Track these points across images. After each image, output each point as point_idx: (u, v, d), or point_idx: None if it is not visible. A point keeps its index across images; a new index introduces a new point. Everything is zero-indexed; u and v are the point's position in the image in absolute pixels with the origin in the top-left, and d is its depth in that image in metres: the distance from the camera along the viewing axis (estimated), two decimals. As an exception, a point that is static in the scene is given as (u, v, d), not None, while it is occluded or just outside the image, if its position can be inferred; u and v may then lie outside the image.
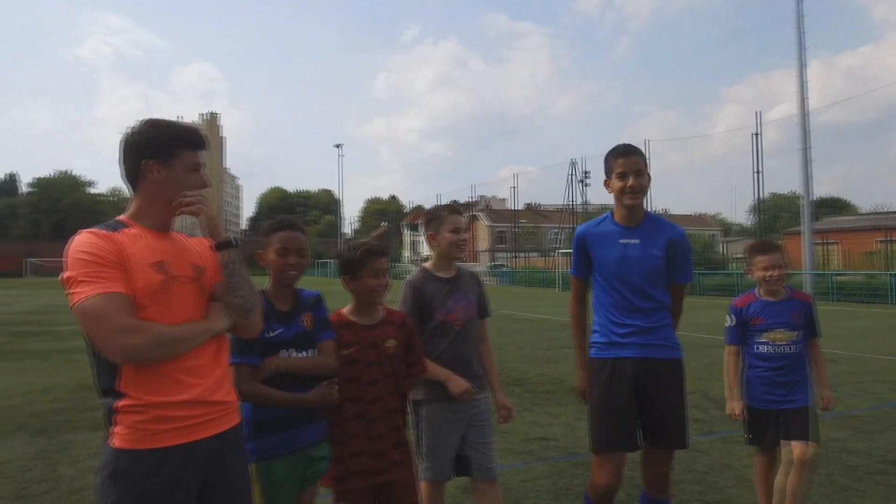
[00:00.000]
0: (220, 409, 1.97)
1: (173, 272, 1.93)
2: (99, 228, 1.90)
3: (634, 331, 3.05)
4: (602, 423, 3.08)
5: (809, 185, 27.62)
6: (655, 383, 3.03)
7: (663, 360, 3.06)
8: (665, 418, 3.03)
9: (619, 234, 3.11)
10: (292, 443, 2.50)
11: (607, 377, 3.06)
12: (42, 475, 4.65)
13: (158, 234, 1.99)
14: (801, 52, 27.31)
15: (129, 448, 1.80)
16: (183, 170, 1.99)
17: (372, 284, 2.71)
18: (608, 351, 3.10)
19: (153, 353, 1.81)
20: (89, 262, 1.78)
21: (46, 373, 9.04)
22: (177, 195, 1.97)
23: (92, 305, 1.74)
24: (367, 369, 2.68)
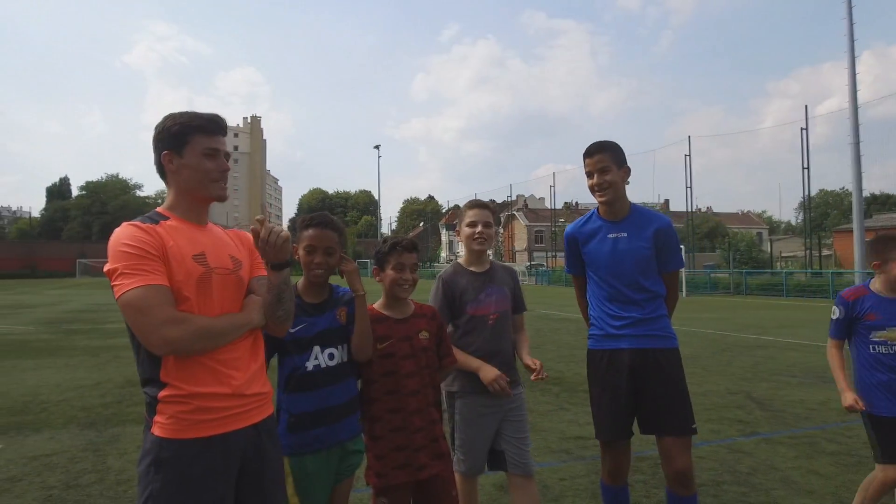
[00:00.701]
0: (256, 400, 2.01)
1: (213, 264, 1.96)
2: (140, 221, 1.94)
3: (630, 322, 3.11)
4: (601, 414, 3.18)
5: (860, 181, 26.66)
6: (653, 373, 3.08)
7: (659, 349, 3.11)
8: (668, 406, 3.07)
9: (607, 229, 3.20)
10: (327, 438, 2.51)
11: (605, 368, 3.15)
12: (91, 466, 4.80)
13: (196, 226, 2.03)
14: (851, 42, 26.43)
15: (171, 437, 1.84)
16: (196, 156, 2.00)
17: (393, 277, 2.73)
18: (605, 343, 3.18)
19: (195, 345, 1.84)
20: (132, 255, 1.82)
21: (96, 368, 9.33)
22: (195, 180, 2.00)
23: (135, 297, 1.77)
24: (402, 362, 2.69)
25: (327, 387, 2.54)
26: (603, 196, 3.14)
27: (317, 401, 2.50)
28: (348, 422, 2.59)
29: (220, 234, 2.12)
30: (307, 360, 2.52)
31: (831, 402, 6.76)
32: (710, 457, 4.87)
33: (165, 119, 2.03)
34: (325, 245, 2.58)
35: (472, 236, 3.23)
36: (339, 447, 2.55)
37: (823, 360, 9.81)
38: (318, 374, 2.52)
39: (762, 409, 6.50)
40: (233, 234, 2.18)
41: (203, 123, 2.02)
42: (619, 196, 3.16)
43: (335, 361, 2.58)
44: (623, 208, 3.20)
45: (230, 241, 2.12)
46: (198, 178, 2.01)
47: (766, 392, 7.32)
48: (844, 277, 28.31)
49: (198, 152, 2.00)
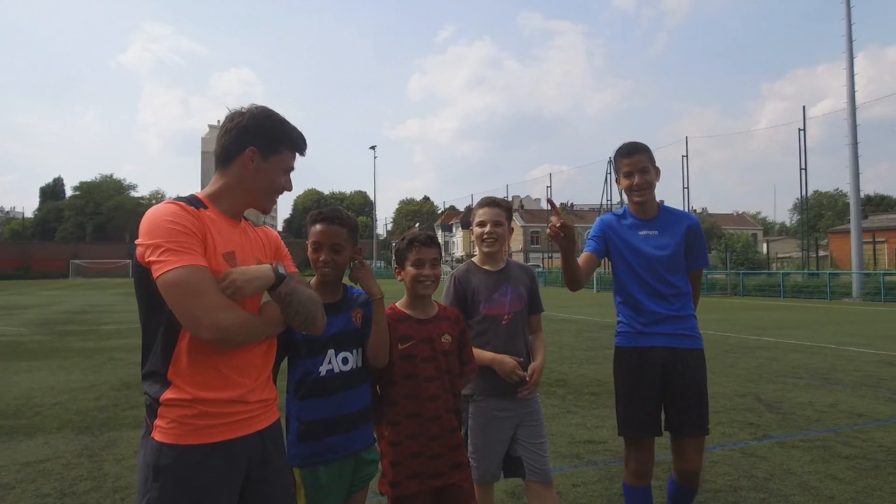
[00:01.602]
0: (262, 407, 1.91)
1: (239, 264, 1.86)
2: (183, 202, 1.82)
3: (659, 319, 3.13)
4: (630, 408, 3.15)
5: (858, 182, 26.67)
6: (682, 373, 3.10)
7: (689, 349, 3.14)
8: (691, 407, 3.10)
9: (639, 227, 3.25)
10: (340, 448, 2.36)
11: (636, 365, 3.14)
12: (87, 473, 4.65)
13: (232, 222, 1.93)
14: (849, 43, 26.46)
15: (173, 443, 1.73)
16: (278, 169, 1.95)
17: (413, 274, 2.62)
18: (635, 340, 3.17)
19: (240, 336, 1.76)
20: (179, 232, 1.71)
21: (91, 371, 9.16)
22: (262, 189, 1.94)
23: (186, 276, 1.65)
24: (422, 365, 2.57)
25: (341, 393, 2.38)
26: (641, 196, 3.20)
27: (330, 408, 2.35)
28: (363, 430, 2.44)
29: (250, 232, 2.02)
30: (320, 364, 2.37)
31: (840, 404, 6.67)
32: (724, 461, 4.76)
33: (263, 114, 1.94)
34: (332, 242, 2.42)
35: (481, 237, 3.13)
36: (354, 457, 2.40)
37: (827, 361, 9.78)
38: (332, 380, 2.37)
39: (771, 411, 6.39)
40: (262, 233, 2.08)
41: (299, 142, 2.00)
42: (652, 196, 3.25)
43: (349, 366, 2.42)
44: (654, 207, 3.27)
45: (258, 242, 2.02)
46: (266, 188, 1.95)
47: (774, 394, 7.21)
48: (841, 278, 28.30)
49: (281, 166, 1.96)
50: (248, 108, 1.94)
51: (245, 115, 1.92)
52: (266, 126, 1.92)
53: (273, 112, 1.97)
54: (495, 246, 3.13)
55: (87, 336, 13.80)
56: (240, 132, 1.90)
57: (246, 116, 1.91)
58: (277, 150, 1.93)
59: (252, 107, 1.95)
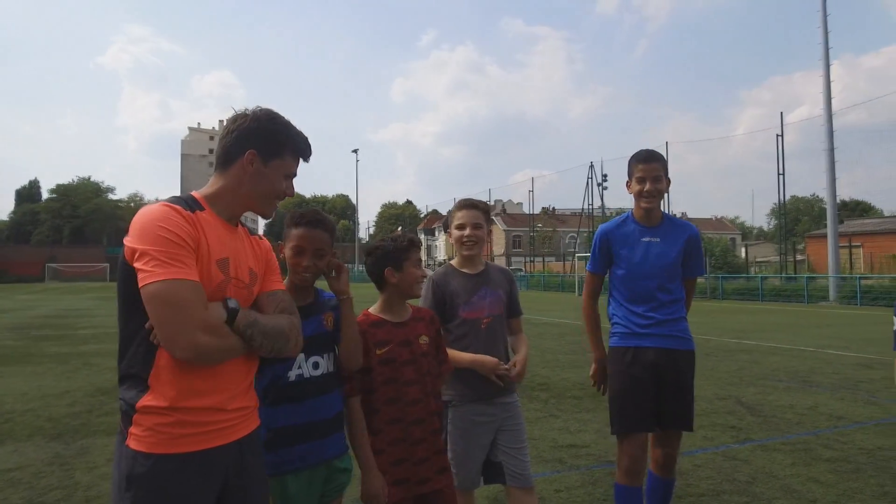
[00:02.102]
0: (241, 415, 1.84)
1: (233, 273, 1.80)
2: (177, 204, 1.73)
3: (654, 322, 3.23)
4: (624, 405, 3.22)
5: (834, 187, 27.07)
6: (673, 372, 3.21)
7: (681, 350, 3.25)
8: (679, 403, 3.23)
9: (641, 233, 3.31)
10: (311, 456, 2.28)
11: (629, 363, 3.23)
12: (58, 482, 4.51)
13: (228, 227, 1.86)
14: (826, 51, 26.90)
15: (148, 451, 1.66)
16: (279, 173, 1.89)
17: (417, 275, 2.60)
18: (630, 340, 3.26)
19: (217, 357, 1.70)
20: (170, 241, 1.63)
21: (64, 376, 8.96)
22: (262, 194, 1.89)
23: (171, 291, 1.59)
24: (402, 369, 2.51)
25: (312, 399, 2.30)
26: (650, 203, 3.28)
27: (300, 414, 2.27)
28: (335, 438, 2.36)
29: (245, 240, 1.95)
30: (290, 368, 2.28)
31: (820, 406, 6.71)
32: (707, 465, 4.74)
33: (265, 117, 1.89)
34: (316, 247, 2.35)
35: (460, 240, 3.08)
36: (325, 466, 2.32)
37: (806, 364, 9.86)
38: (302, 385, 2.29)
39: (753, 414, 6.41)
40: (255, 242, 2.00)
41: (302, 147, 1.96)
42: (659, 204, 3.34)
43: (320, 371, 2.35)
44: (658, 215, 3.35)
45: (251, 250, 1.95)
46: (266, 193, 1.90)
47: (755, 397, 7.24)
48: (818, 282, 28.68)
49: (282, 171, 1.90)
50: (252, 111, 1.89)
51: (248, 118, 1.87)
52: (269, 129, 1.87)
53: (277, 115, 1.92)
54: (475, 249, 3.08)
55: (62, 341, 13.53)
56: (241, 134, 1.85)
57: (249, 118, 1.86)
58: (279, 154, 1.88)
59: (256, 109, 1.90)
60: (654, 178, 3.23)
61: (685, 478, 4.42)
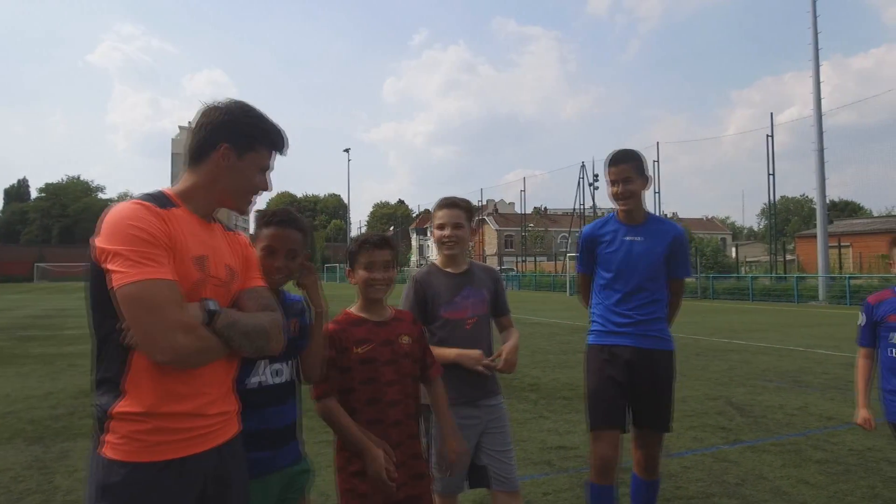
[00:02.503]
0: (221, 420, 1.77)
1: (211, 271, 1.73)
2: (149, 201, 1.66)
3: (632, 322, 3.22)
4: (599, 401, 3.21)
5: (824, 187, 27.18)
6: (648, 371, 3.19)
7: (658, 350, 3.23)
8: (654, 404, 3.22)
9: (625, 232, 3.30)
10: (267, 464, 2.20)
11: (604, 360, 3.23)
12: (37, 486, 4.42)
13: (203, 223, 1.79)
14: (816, 52, 26.98)
15: (123, 460, 1.59)
16: (254, 168, 1.83)
17: (363, 276, 2.49)
18: (606, 338, 3.27)
19: (198, 359, 1.63)
20: (141, 240, 1.56)
21: (49, 378, 8.83)
22: (237, 189, 1.82)
23: (145, 291, 1.52)
24: (383, 368, 2.45)
25: (271, 407, 2.23)
26: (625, 205, 3.26)
27: (257, 421, 2.17)
28: (291, 447, 2.29)
29: (221, 236, 1.87)
30: (249, 375, 2.20)
31: (810, 407, 6.70)
32: (696, 467, 4.70)
33: (237, 109, 1.81)
34: (288, 247, 2.27)
35: (440, 240, 3.01)
36: (279, 474, 2.24)
37: (795, 364, 9.86)
38: (261, 392, 2.21)
39: (742, 415, 6.38)
40: (232, 238, 1.92)
41: (277, 139, 1.88)
42: (639, 204, 3.29)
43: (282, 378, 2.27)
44: (641, 214, 3.32)
45: (229, 247, 1.87)
46: (241, 188, 1.83)
47: (745, 397, 7.22)
48: (808, 282, 28.80)
49: (257, 165, 1.84)
50: (224, 103, 1.81)
51: (220, 110, 1.79)
52: (242, 122, 1.79)
53: (250, 107, 1.84)
54: (455, 249, 3.01)
55: (48, 342, 13.38)
56: (214, 128, 1.78)
57: (221, 111, 1.79)
58: (253, 147, 1.81)
59: (228, 101, 1.82)
60: (625, 179, 3.21)
61: (674, 480, 4.38)
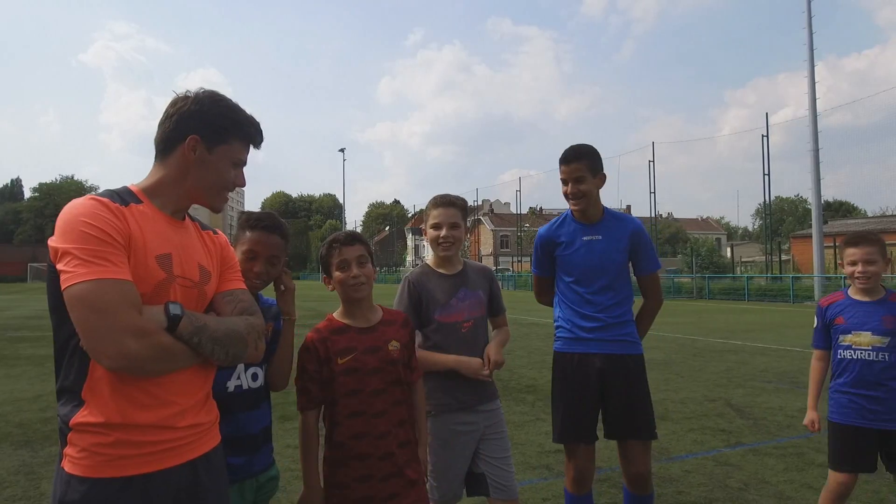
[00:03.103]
0: (193, 433, 1.63)
1: (177, 271, 1.60)
2: (107, 197, 1.55)
3: (599, 326, 3.08)
4: (567, 415, 3.09)
5: (819, 188, 27.19)
6: (620, 377, 3.06)
7: (627, 355, 3.10)
8: (632, 412, 3.06)
9: (582, 232, 3.16)
10: (241, 470, 2.15)
11: (573, 371, 3.09)
12: (22, 492, 4.31)
13: (171, 220, 1.67)
14: (811, 52, 26.97)
15: (83, 475, 1.48)
16: (225, 161, 1.70)
17: (339, 278, 2.34)
18: (575, 346, 3.12)
19: (155, 366, 1.49)
20: (93, 238, 1.45)
21: (39, 380, 8.69)
22: (208, 185, 1.70)
23: (93, 292, 1.40)
24: (368, 378, 2.31)
25: (248, 411, 2.19)
26: (577, 205, 3.12)
27: (233, 426, 2.11)
28: (265, 451, 2.26)
29: (194, 234, 1.75)
30: (228, 378, 2.15)
31: (810, 408, 6.61)
32: (697, 471, 4.62)
33: (207, 99, 1.69)
34: (270, 253, 2.22)
35: (436, 240, 2.88)
36: (252, 480, 2.20)
37: (793, 364, 9.79)
38: (239, 396, 2.16)
39: (743, 417, 6.30)
40: (207, 238, 1.80)
41: (251, 132, 1.76)
42: (593, 203, 3.14)
43: (258, 383, 2.24)
44: (597, 212, 3.18)
45: (202, 246, 1.75)
46: (212, 184, 1.71)
47: (744, 399, 7.14)
48: (803, 282, 28.81)
49: (229, 158, 1.71)
50: (194, 92, 1.70)
51: (189, 100, 1.67)
52: (213, 112, 1.67)
53: (222, 97, 1.72)
54: (451, 250, 2.89)
55: (39, 343, 13.20)
56: (182, 118, 1.66)
57: (190, 101, 1.67)
58: (225, 139, 1.68)
59: (199, 90, 1.70)
60: (576, 179, 3.06)
61: (676, 485, 4.30)
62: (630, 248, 3.15)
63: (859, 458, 3.09)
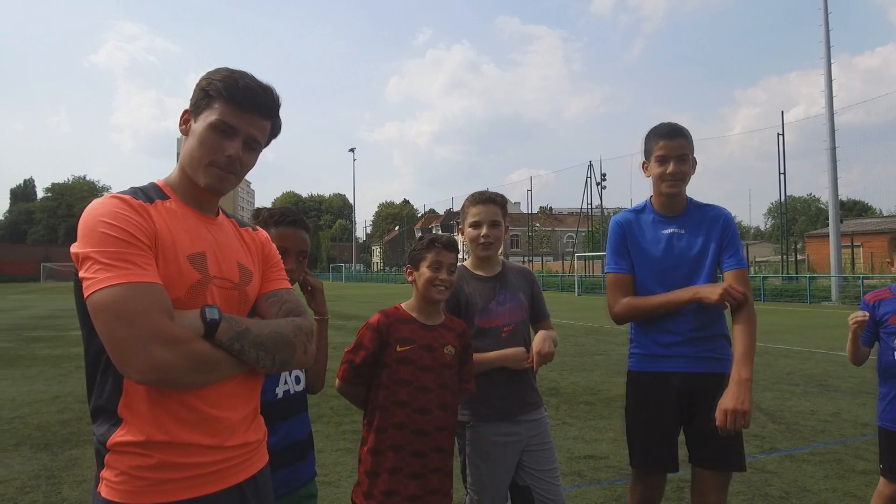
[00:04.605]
0: (243, 453, 1.50)
1: (213, 271, 1.47)
2: (130, 194, 1.42)
3: (681, 340, 2.66)
4: (640, 441, 2.77)
5: (836, 186, 26.84)
6: (704, 400, 2.60)
7: (713, 374, 2.64)
8: (715, 438, 2.55)
9: (662, 224, 2.75)
10: (293, 480, 2.07)
11: (648, 392, 2.73)
12: (44, 497, 4.22)
13: (202, 216, 1.52)
14: (827, 49, 26.64)
15: (123, 502, 1.34)
16: (207, 127, 1.46)
17: (428, 276, 2.40)
18: (649, 364, 2.73)
19: (192, 378, 1.35)
20: (115, 239, 1.32)
21: (56, 380, 8.64)
22: (195, 158, 1.48)
23: (116, 298, 1.27)
24: (420, 373, 2.36)
25: (296, 416, 2.12)
26: (673, 188, 2.70)
27: (283, 434, 2.03)
28: (310, 459, 2.19)
29: (231, 232, 1.60)
30: (276, 384, 2.05)
31: (843, 413, 6.45)
32: (735, 478, 4.43)
33: (213, 71, 1.54)
34: (300, 248, 2.14)
35: (476, 240, 2.75)
36: (292, 496, 2.07)
37: (820, 367, 9.60)
38: (286, 402, 2.07)
39: (774, 421, 6.14)
40: (246, 234, 1.65)
41: (233, 91, 1.47)
42: (685, 189, 2.76)
43: (301, 386, 2.17)
44: (682, 202, 2.77)
45: (241, 244, 1.60)
46: (194, 155, 1.48)
47: (773, 403, 6.97)
48: (820, 282, 28.46)
49: (210, 123, 1.46)
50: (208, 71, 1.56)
51: (199, 81, 1.54)
52: (206, 79, 1.50)
53: (226, 68, 1.53)
54: (491, 249, 2.77)
55: (55, 342, 13.20)
56: (190, 98, 1.54)
57: (200, 79, 1.53)
58: (209, 105, 1.48)
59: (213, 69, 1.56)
60: (679, 157, 2.65)
61: None
62: (718, 243, 2.70)
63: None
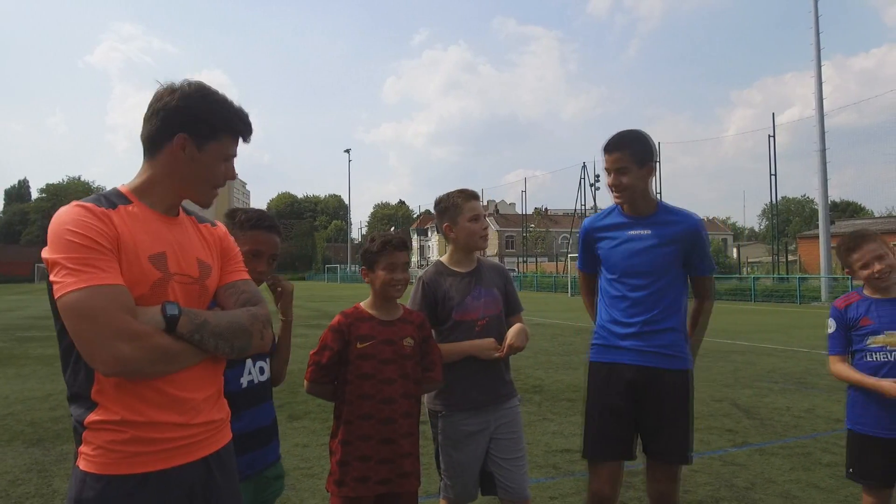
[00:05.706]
0: (208, 430, 1.65)
1: (173, 269, 1.59)
2: (92, 202, 1.54)
3: (635, 332, 2.81)
4: (595, 429, 2.87)
5: (826, 188, 27.09)
6: (655, 393, 2.80)
7: (665, 370, 2.80)
8: (664, 432, 2.79)
9: (629, 226, 2.89)
10: (254, 465, 2.20)
11: (603, 381, 2.88)
12: (35, 490, 4.36)
13: (163, 218, 1.65)
14: (818, 52, 26.91)
15: (98, 473, 1.49)
16: (216, 158, 1.66)
17: (384, 278, 2.58)
18: (606, 355, 2.90)
19: (153, 368, 1.49)
20: (79, 246, 1.45)
21: (49, 379, 8.76)
22: (199, 182, 1.66)
23: (82, 300, 1.41)
24: (381, 366, 2.53)
25: (260, 405, 2.25)
26: (619, 198, 2.86)
27: (247, 421, 2.16)
28: (273, 445, 2.32)
29: (190, 229, 1.72)
30: (241, 374, 2.18)
31: (817, 409, 6.62)
32: (704, 470, 4.63)
33: (197, 93, 1.63)
34: (272, 252, 2.30)
35: (476, 233, 2.93)
36: (257, 478, 2.23)
37: (801, 365, 9.78)
38: (251, 391, 2.21)
39: (749, 417, 6.31)
40: (205, 230, 1.78)
41: (240, 126, 1.70)
42: (640, 196, 2.85)
43: (265, 376, 2.30)
44: (648, 206, 2.89)
45: (200, 240, 1.73)
46: (203, 181, 1.67)
47: (751, 399, 7.15)
48: (810, 282, 28.72)
49: (220, 155, 1.66)
50: (179, 86, 1.63)
51: (175, 95, 1.60)
52: (200, 108, 1.61)
53: (209, 90, 1.65)
54: (486, 242, 3.02)
55: (48, 342, 13.29)
56: (168, 115, 1.60)
57: (176, 96, 1.60)
58: (215, 136, 1.64)
59: (184, 84, 1.63)
60: (618, 170, 2.78)
61: (682, 484, 4.31)
62: (682, 246, 2.84)
63: (886, 471, 2.84)
